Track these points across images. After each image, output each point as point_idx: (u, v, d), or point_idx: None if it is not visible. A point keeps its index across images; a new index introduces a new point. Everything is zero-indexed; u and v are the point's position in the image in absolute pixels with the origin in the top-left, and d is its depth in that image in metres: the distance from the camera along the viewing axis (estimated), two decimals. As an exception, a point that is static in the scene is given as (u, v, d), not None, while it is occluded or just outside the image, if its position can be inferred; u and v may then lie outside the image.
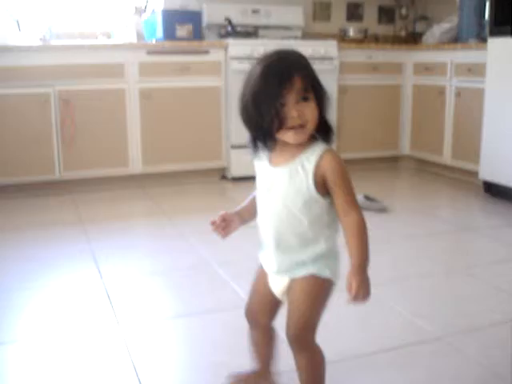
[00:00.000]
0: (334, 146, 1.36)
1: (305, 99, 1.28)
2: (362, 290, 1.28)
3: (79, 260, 2.68)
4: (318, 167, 1.30)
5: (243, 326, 1.67)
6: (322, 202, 1.32)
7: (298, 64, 1.30)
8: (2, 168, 3.76)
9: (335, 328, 1.98)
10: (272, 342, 1.60)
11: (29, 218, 3.42)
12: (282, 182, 1.33)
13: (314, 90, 1.29)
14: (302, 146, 1.32)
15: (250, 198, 1.51)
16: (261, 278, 1.49)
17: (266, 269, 1.46)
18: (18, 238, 3.02)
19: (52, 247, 2.87)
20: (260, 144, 1.34)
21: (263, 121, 1.27)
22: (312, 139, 1.33)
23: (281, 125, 1.27)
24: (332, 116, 1.38)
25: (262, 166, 1.40)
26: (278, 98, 1.25)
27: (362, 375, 1.72)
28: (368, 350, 1.85)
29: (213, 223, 1.47)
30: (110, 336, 1.96)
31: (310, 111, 1.28)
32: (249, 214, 1.50)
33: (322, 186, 1.31)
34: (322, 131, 1.33)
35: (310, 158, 1.30)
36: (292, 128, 1.27)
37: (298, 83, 1.26)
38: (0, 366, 1.79)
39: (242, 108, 1.33)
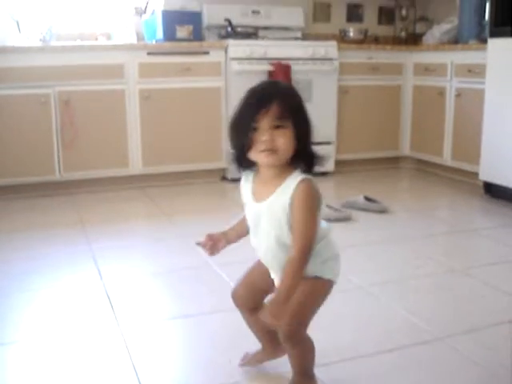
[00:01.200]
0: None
1: (278, 127, 1.30)
2: (269, 315, 1.33)
3: (79, 261, 2.68)
4: (292, 196, 1.33)
5: (243, 326, 1.68)
6: None
7: (282, 93, 1.34)
8: (1, 169, 3.76)
9: (335, 328, 1.98)
10: None
11: (29, 219, 3.42)
12: (267, 217, 1.38)
13: (295, 119, 1.31)
14: (282, 177, 1.36)
15: (240, 219, 1.55)
16: (258, 267, 1.54)
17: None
18: (18, 239, 3.02)
19: (52, 248, 2.87)
20: (238, 164, 1.40)
21: (239, 141, 1.33)
22: (293, 169, 1.36)
23: (251, 146, 1.31)
24: (332, 117, 1.40)
25: (247, 196, 1.44)
26: (253, 121, 1.29)
27: (361, 376, 1.71)
28: (367, 350, 1.85)
29: (199, 243, 1.54)
30: (109, 337, 1.96)
31: (282, 139, 1.30)
32: (236, 236, 1.57)
33: None
34: (303, 160, 1.36)
35: (287, 189, 1.34)
36: (263, 151, 1.31)
37: (274, 110, 1.29)
38: (0, 367, 1.80)
39: (228, 130, 1.39)
